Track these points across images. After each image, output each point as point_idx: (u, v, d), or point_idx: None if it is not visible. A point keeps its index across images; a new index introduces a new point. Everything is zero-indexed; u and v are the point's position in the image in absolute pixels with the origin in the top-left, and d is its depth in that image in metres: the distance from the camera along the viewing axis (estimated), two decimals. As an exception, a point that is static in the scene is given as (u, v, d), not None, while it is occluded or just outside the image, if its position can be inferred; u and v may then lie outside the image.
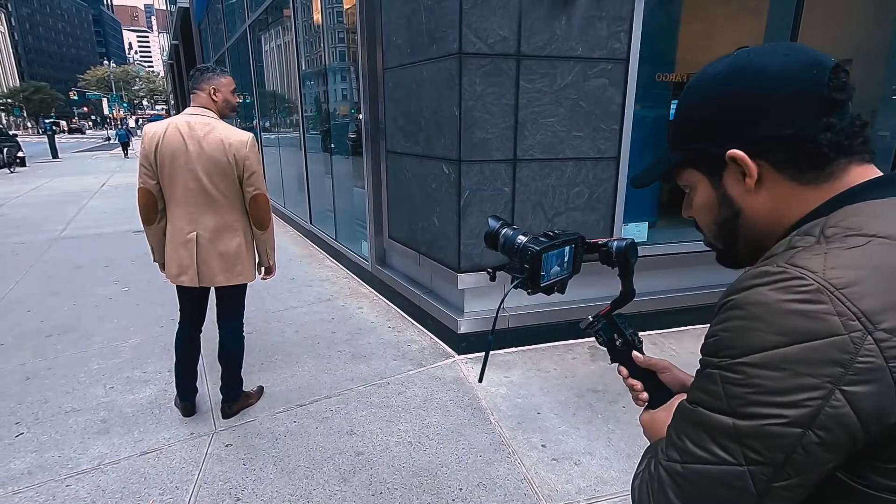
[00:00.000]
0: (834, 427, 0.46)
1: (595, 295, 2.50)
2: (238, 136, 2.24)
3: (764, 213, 0.60)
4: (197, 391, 2.63)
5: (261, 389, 2.80)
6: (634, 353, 0.87)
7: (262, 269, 2.54)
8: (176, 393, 2.63)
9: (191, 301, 2.47)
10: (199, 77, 2.28)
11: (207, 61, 13.48)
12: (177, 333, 2.53)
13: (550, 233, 0.88)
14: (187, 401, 2.59)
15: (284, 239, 6.52)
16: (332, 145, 5.68)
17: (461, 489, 2.08)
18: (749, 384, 0.49)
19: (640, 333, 0.90)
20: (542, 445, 2.34)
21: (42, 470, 2.22)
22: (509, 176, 3.00)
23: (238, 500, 2.04)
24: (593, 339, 0.92)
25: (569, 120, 2.99)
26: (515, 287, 0.86)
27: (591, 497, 2.05)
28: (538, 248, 0.82)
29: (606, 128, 3.07)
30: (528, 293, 0.87)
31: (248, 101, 9.69)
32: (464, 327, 3.16)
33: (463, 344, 3.19)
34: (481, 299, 3.21)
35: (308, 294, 4.38)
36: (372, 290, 4.41)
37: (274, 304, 4.12)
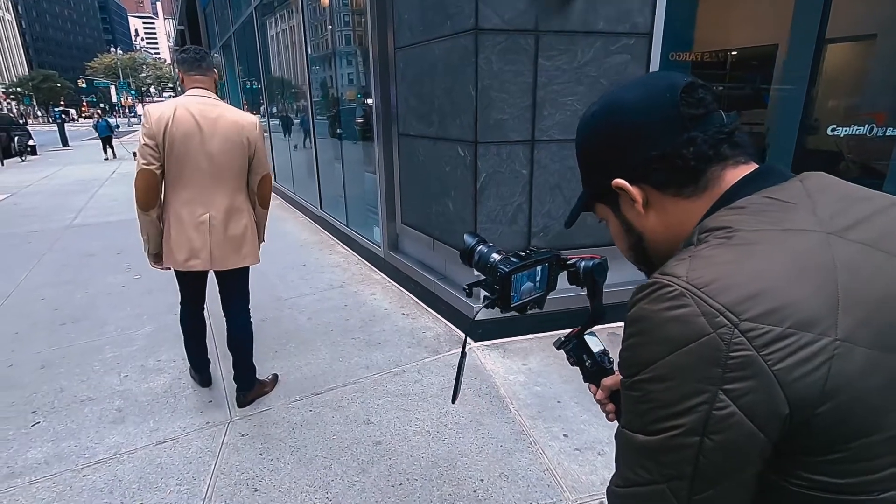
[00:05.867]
0: (726, 429, 0.45)
1: (617, 280, 2.42)
2: (249, 119, 2.28)
3: (661, 231, 0.63)
4: (209, 362, 2.70)
5: (275, 377, 2.76)
6: (604, 381, 0.87)
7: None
8: (190, 366, 2.68)
9: (193, 283, 2.47)
10: (204, 60, 2.27)
11: (213, 46, 13.35)
12: (180, 314, 2.57)
13: (523, 252, 0.87)
14: (203, 372, 2.66)
15: (294, 225, 6.48)
16: (341, 130, 5.59)
17: (482, 480, 2.03)
18: (648, 399, 0.49)
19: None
20: (564, 435, 2.28)
21: (59, 459, 2.21)
22: (527, 158, 2.90)
23: (256, 490, 2.01)
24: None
25: (589, 98, 2.87)
26: (486, 307, 0.86)
27: (617, 488, 1.99)
28: (507, 270, 0.82)
29: (628, 107, 2.95)
30: (501, 312, 0.86)
31: (255, 86, 9.59)
32: (480, 314, 3.08)
33: (479, 331, 3.13)
34: (498, 285, 3.14)
35: (320, 281, 4.33)
36: (385, 277, 4.35)
37: (286, 291, 4.08)
